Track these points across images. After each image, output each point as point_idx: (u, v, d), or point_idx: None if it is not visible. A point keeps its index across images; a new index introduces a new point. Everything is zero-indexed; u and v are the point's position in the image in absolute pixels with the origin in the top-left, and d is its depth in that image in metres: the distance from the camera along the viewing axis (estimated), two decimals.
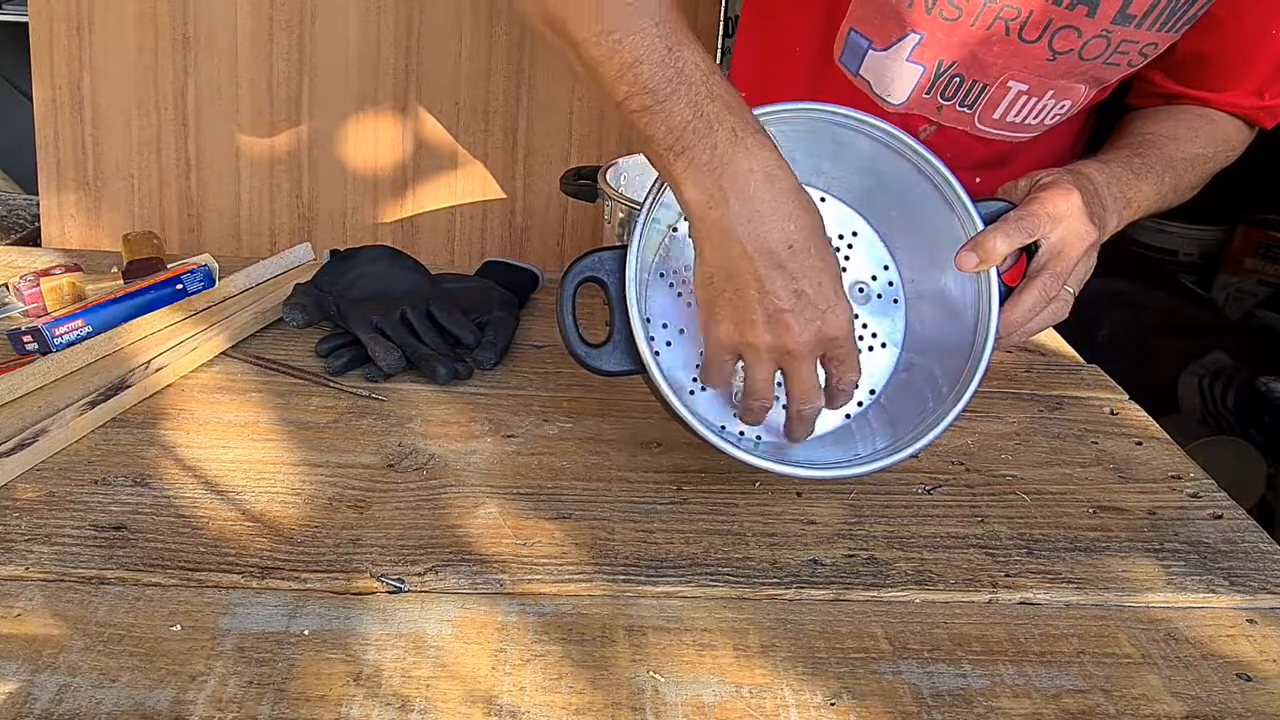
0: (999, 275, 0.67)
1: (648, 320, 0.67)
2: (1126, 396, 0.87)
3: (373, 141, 1.26)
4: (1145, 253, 2.27)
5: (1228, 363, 1.67)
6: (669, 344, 0.68)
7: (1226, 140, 0.88)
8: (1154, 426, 0.82)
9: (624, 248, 0.62)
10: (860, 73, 0.87)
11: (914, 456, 0.64)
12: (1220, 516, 0.69)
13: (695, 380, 0.68)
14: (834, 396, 0.64)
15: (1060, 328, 1.00)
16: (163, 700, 0.47)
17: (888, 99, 0.87)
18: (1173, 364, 1.70)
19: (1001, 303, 0.67)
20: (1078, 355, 0.95)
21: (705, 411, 0.68)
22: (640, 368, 0.62)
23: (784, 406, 0.64)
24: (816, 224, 0.58)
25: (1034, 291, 0.68)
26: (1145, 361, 1.74)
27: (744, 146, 0.56)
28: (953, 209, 0.67)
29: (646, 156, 0.60)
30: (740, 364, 0.62)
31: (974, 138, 0.89)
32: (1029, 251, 0.70)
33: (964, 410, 0.65)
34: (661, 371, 0.62)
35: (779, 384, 0.62)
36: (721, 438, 0.62)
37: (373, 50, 1.22)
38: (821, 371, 0.62)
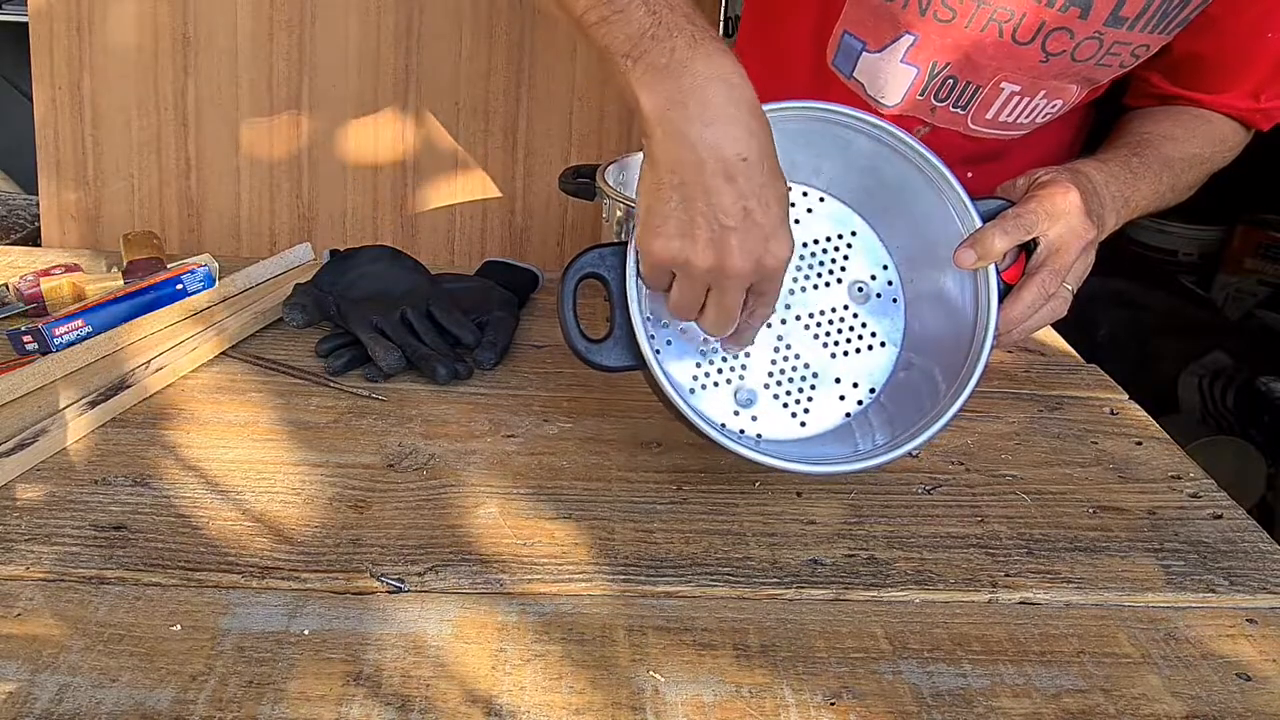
0: (998, 273, 0.67)
1: (649, 318, 0.67)
2: (1126, 396, 0.87)
3: (373, 141, 1.26)
4: (1145, 253, 2.27)
5: (1228, 363, 1.67)
6: (669, 342, 0.68)
7: (1224, 141, 0.88)
8: (1154, 426, 0.82)
9: (624, 244, 0.62)
10: (854, 75, 0.87)
11: (914, 453, 0.64)
12: (1220, 516, 0.69)
13: (696, 379, 0.68)
14: (741, 330, 0.62)
15: (1060, 328, 1.00)
16: (163, 700, 0.47)
17: (882, 101, 0.87)
18: (1173, 364, 1.70)
19: (1001, 300, 0.67)
20: (1078, 355, 0.95)
21: (706, 409, 0.68)
22: (641, 363, 0.62)
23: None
24: (770, 141, 0.56)
25: (1033, 289, 0.68)
26: (1145, 361, 1.74)
27: (703, 51, 0.55)
28: (951, 207, 0.67)
29: (607, 72, 0.58)
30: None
31: (966, 137, 0.89)
32: (1028, 250, 0.70)
33: (963, 407, 0.65)
34: (662, 368, 0.62)
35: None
36: (722, 434, 0.62)
37: (373, 50, 1.22)
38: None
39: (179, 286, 0.88)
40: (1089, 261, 0.72)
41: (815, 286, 0.70)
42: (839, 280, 0.71)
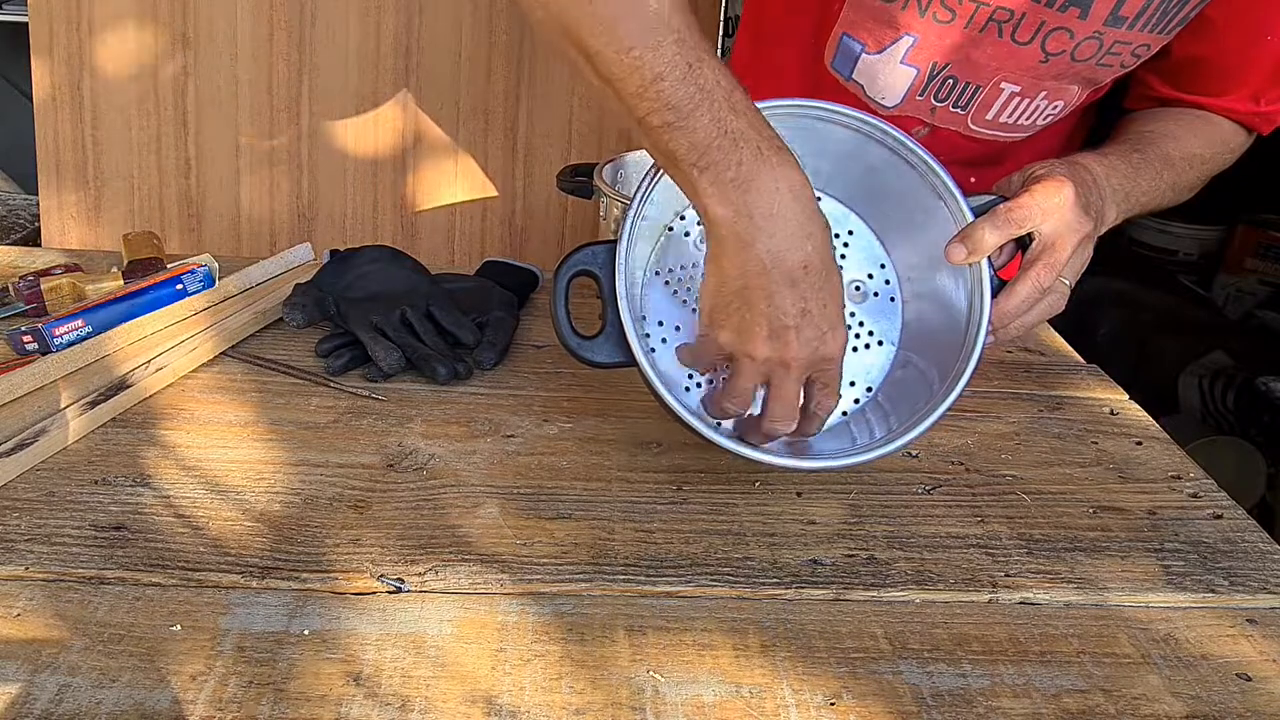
0: (991, 267, 0.67)
1: (643, 317, 0.68)
2: (1126, 396, 0.87)
3: (373, 142, 1.26)
4: (1145, 252, 2.27)
5: (1228, 363, 1.67)
6: (665, 341, 0.68)
7: (1225, 143, 0.88)
8: (1154, 426, 0.82)
9: (615, 241, 0.63)
10: (853, 77, 0.87)
11: (912, 452, 0.64)
12: (1220, 516, 0.69)
13: (691, 377, 0.68)
14: (809, 420, 0.64)
15: (1060, 328, 1.00)
16: (163, 700, 0.47)
17: (881, 102, 0.87)
18: (1173, 364, 1.70)
19: (995, 296, 0.67)
20: (1078, 355, 0.95)
21: (701, 409, 0.68)
22: (631, 360, 0.62)
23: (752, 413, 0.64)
24: (829, 245, 0.59)
25: (1027, 283, 0.68)
26: (1145, 361, 1.75)
27: (769, 163, 0.57)
28: (946, 206, 0.68)
29: (669, 173, 0.60)
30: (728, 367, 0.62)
31: (967, 138, 0.89)
32: (1024, 245, 0.70)
33: (956, 402, 0.65)
34: (651, 364, 0.63)
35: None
36: (715, 431, 0.63)
37: (373, 50, 1.22)
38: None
39: (179, 286, 0.88)
40: (1086, 256, 0.72)
41: None
42: None
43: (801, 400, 0.63)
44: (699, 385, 0.68)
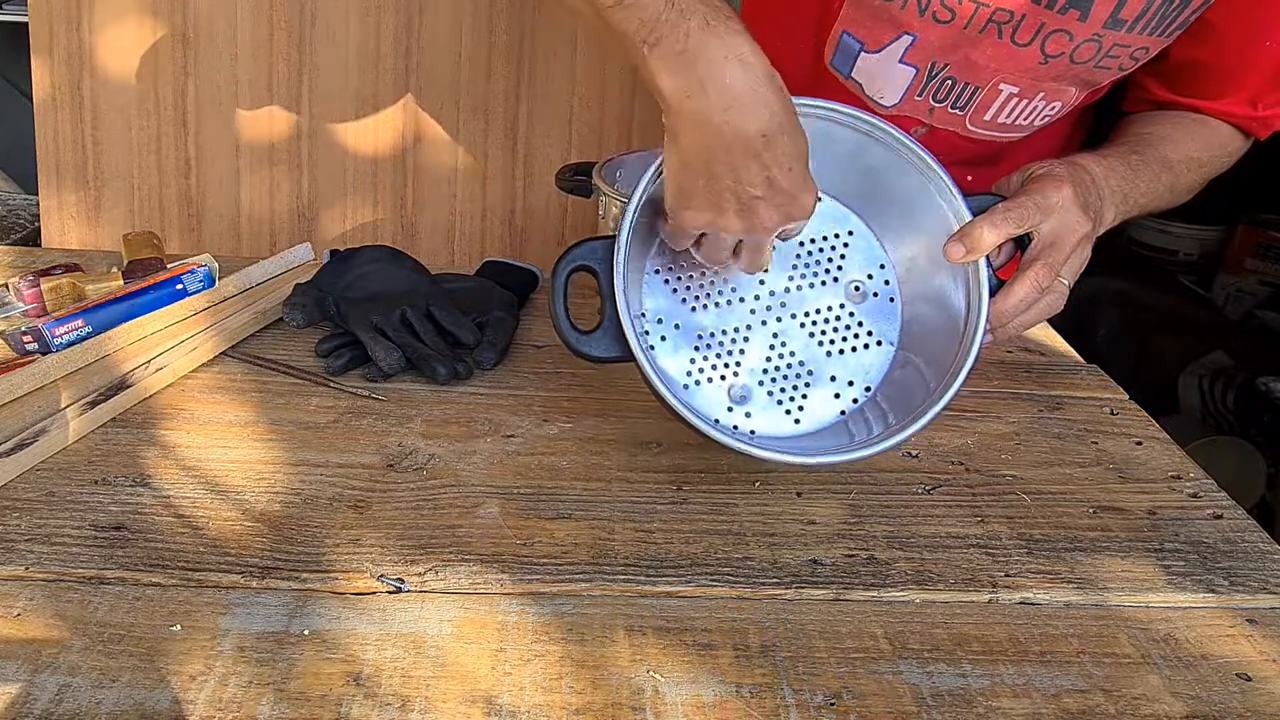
0: (989, 266, 0.67)
1: (643, 314, 0.68)
2: (1126, 396, 0.87)
3: (373, 142, 1.26)
4: (1145, 253, 2.27)
5: (1228, 363, 1.67)
6: (664, 338, 0.68)
7: (1223, 146, 0.88)
8: (1154, 426, 0.82)
9: (614, 236, 0.63)
10: (852, 75, 0.87)
11: (905, 442, 0.64)
12: (1220, 516, 0.69)
13: (690, 374, 0.68)
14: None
15: (1060, 328, 1.00)
16: (163, 700, 0.47)
17: (880, 101, 0.87)
18: (1173, 364, 1.70)
19: (993, 296, 0.67)
20: (1078, 355, 0.95)
21: (700, 405, 0.68)
22: (628, 354, 0.63)
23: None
24: (788, 108, 0.58)
25: (1026, 282, 0.68)
26: (1145, 361, 1.75)
27: (717, 34, 0.56)
28: (946, 206, 0.68)
29: (623, 54, 0.59)
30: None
31: (965, 138, 0.89)
32: (1023, 245, 0.70)
33: (954, 399, 0.65)
34: (648, 357, 0.63)
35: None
36: (715, 429, 0.63)
37: (373, 50, 1.22)
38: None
39: (179, 286, 0.88)
40: (1085, 255, 0.72)
41: (812, 285, 0.71)
42: (835, 279, 0.71)
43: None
44: (697, 383, 0.68)
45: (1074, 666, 0.53)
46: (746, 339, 0.69)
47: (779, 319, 0.70)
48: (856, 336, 0.71)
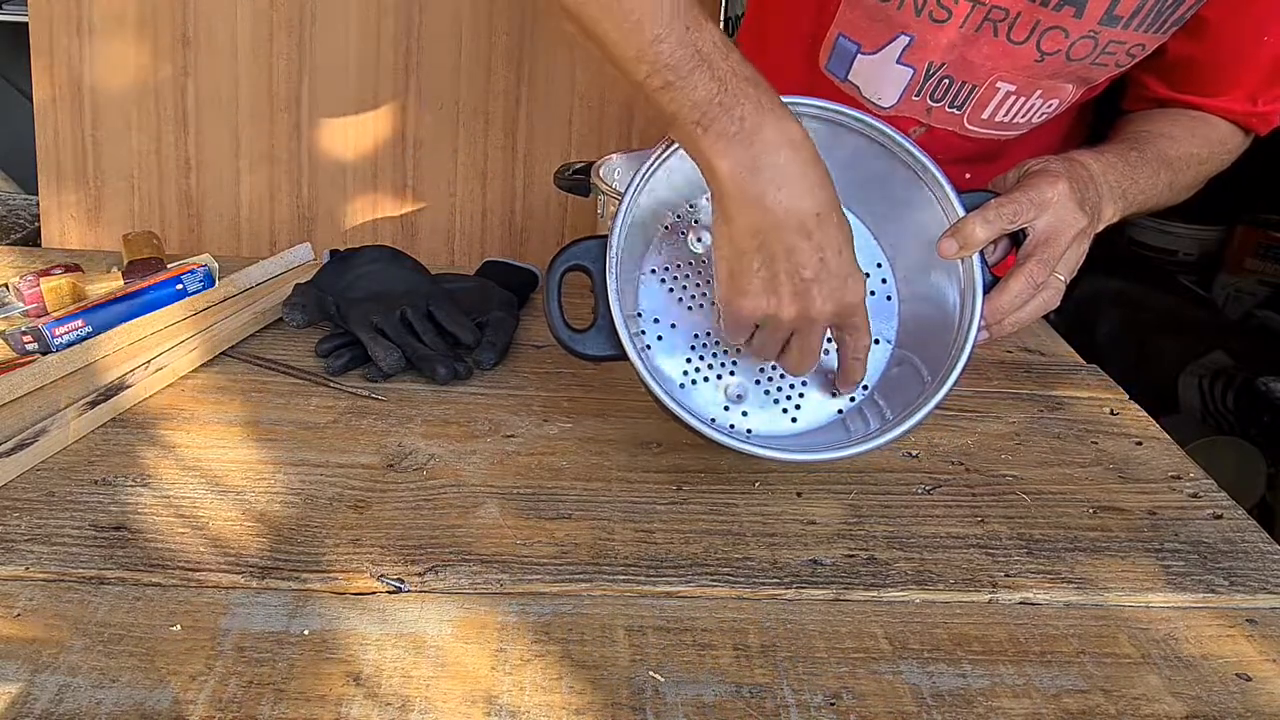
0: (983, 262, 0.67)
1: (639, 314, 0.68)
2: (1126, 396, 0.87)
3: (373, 141, 1.26)
4: (1145, 253, 2.27)
5: (1228, 363, 1.67)
6: (660, 338, 0.68)
7: (1222, 143, 0.88)
8: (1154, 426, 0.82)
9: (607, 236, 0.63)
10: (849, 78, 0.87)
11: (900, 439, 0.64)
12: (1220, 516, 0.69)
13: (686, 374, 0.68)
14: (850, 368, 0.66)
15: (1060, 328, 1.00)
16: (163, 700, 0.47)
17: (878, 102, 0.87)
18: (1173, 364, 1.70)
19: (989, 292, 0.67)
20: (1078, 355, 0.95)
21: (696, 404, 0.68)
22: (621, 353, 0.63)
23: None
24: (834, 193, 0.60)
25: (1021, 278, 0.68)
26: (1145, 361, 1.74)
27: (771, 116, 0.57)
28: (940, 204, 0.68)
29: (672, 135, 0.61)
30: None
31: (963, 137, 0.89)
32: (1018, 241, 0.70)
33: (948, 396, 0.65)
34: (642, 356, 0.63)
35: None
36: (711, 428, 0.63)
37: (373, 50, 1.22)
38: (831, 343, 0.65)
39: (179, 286, 0.88)
40: (1082, 251, 0.71)
41: None
42: None
43: (834, 350, 0.65)
44: (694, 383, 0.69)
45: (1074, 666, 0.53)
46: None
47: None
48: None
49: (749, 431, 0.69)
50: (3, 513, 0.60)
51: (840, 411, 0.70)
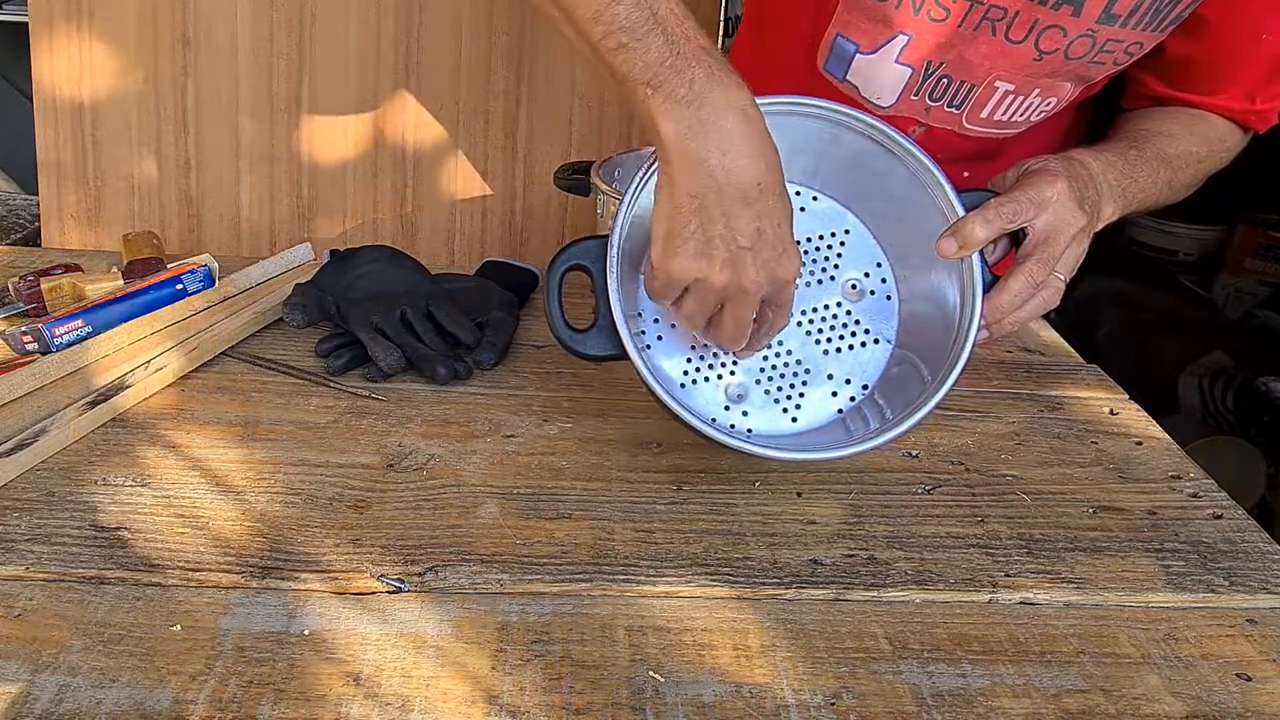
0: (983, 261, 0.67)
1: (639, 314, 0.68)
2: (1126, 396, 0.87)
3: (372, 141, 1.26)
4: (1145, 253, 2.27)
5: (1228, 363, 1.67)
6: (660, 337, 0.68)
7: (1221, 141, 0.88)
8: (1154, 426, 0.82)
9: (608, 236, 0.63)
10: (847, 78, 0.87)
11: (899, 438, 0.64)
12: (1220, 516, 0.69)
13: (686, 374, 0.68)
14: (757, 339, 0.65)
15: (1060, 328, 1.00)
16: (163, 700, 0.47)
17: (876, 102, 0.87)
18: (1173, 364, 1.70)
19: (988, 292, 0.67)
20: (1078, 355, 0.95)
21: (696, 403, 0.68)
22: (622, 353, 0.63)
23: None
24: (780, 168, 0.60)
25: (1020, 277, 0.68)
26: (1145, 361, 1.74)
27: (720, 83, 0.57)
28: (939, 203, 0.68)
29: (622, 95, 0.60)
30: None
31: (962, 136, 0.89)
32: (1017, 240, 0.70)
33: (948, 395, 0.65)
34: (642, 355, 0.63)
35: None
36: (711, 427, 0.63)
37: (373, 50, 1.22)
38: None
39: (179, 286, 0.88)
40: (1082, 250, 0.71)
41: (809, 284, 0.71)
42: (833, 278, 0.71)
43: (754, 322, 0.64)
44: (694, 382, 0.69)
45: (1074, 666, 0.53)
46: None
47: None
48: (854, 335, 0.71)
49: (749, 431, 0.69)
50: (3, 513, 0.60)
51: (840, 411, 0.70)
